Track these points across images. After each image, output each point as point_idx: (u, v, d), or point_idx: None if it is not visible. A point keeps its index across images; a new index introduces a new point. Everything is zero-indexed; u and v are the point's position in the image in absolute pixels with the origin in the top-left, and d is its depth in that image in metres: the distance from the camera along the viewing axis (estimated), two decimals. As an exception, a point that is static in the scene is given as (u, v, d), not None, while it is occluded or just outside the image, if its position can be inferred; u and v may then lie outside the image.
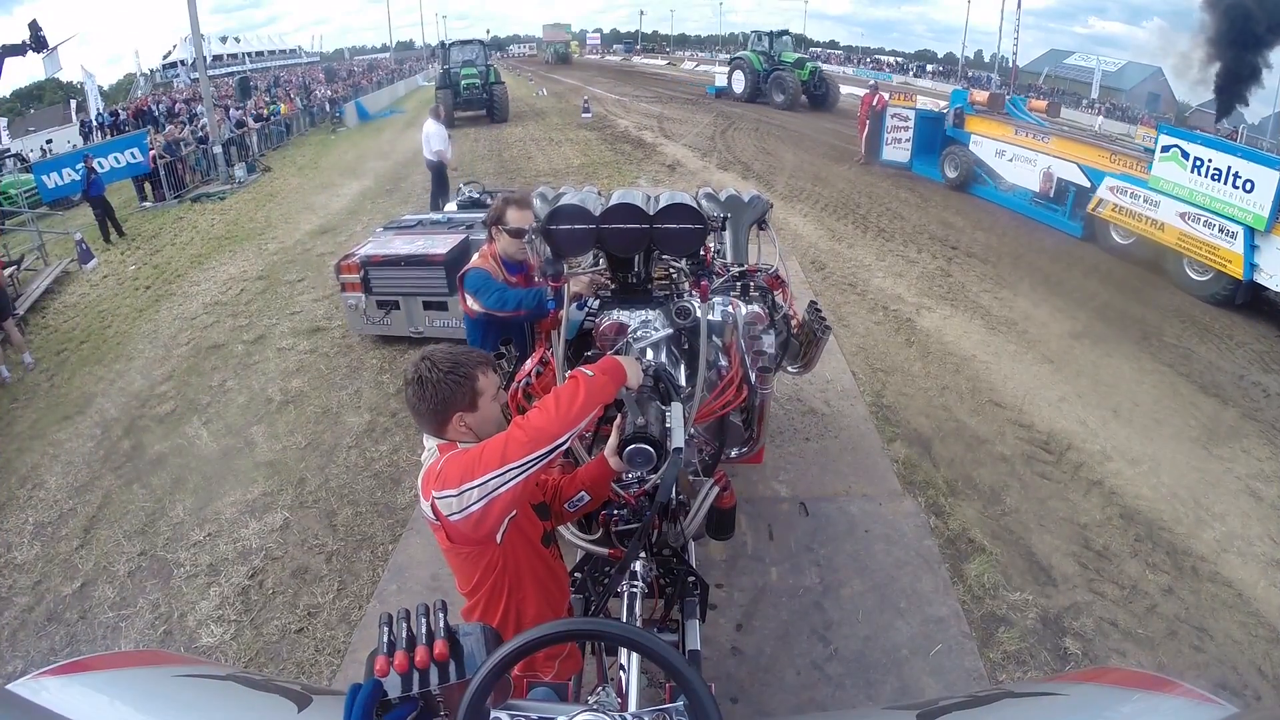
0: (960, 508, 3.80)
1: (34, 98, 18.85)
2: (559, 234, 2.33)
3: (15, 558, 3.75)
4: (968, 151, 10.89)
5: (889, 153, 12.53)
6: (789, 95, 20.58)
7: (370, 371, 5.50)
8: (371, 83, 29.25)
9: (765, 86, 21.44)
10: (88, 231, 9.86)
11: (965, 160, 10.94)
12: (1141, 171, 7.95)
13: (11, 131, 17.24)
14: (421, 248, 5.55)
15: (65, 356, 6.37)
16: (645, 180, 11.62)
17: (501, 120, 19.31)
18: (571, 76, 30.19)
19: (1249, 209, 6.60)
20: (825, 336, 3.16)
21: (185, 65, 22.99)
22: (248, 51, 26.02)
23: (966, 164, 10.93)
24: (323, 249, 8.90)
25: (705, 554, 3.25)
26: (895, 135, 12.38)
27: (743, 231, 3.35)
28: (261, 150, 17.18)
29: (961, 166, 11.05)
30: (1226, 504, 3.93)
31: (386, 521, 3.80)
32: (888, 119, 12.43)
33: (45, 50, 13.21)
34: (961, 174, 11.07)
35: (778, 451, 4.18)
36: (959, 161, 11.09)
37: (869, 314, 6.42)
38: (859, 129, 13.40)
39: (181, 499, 4.11)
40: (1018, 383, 5.20)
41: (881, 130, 12.53)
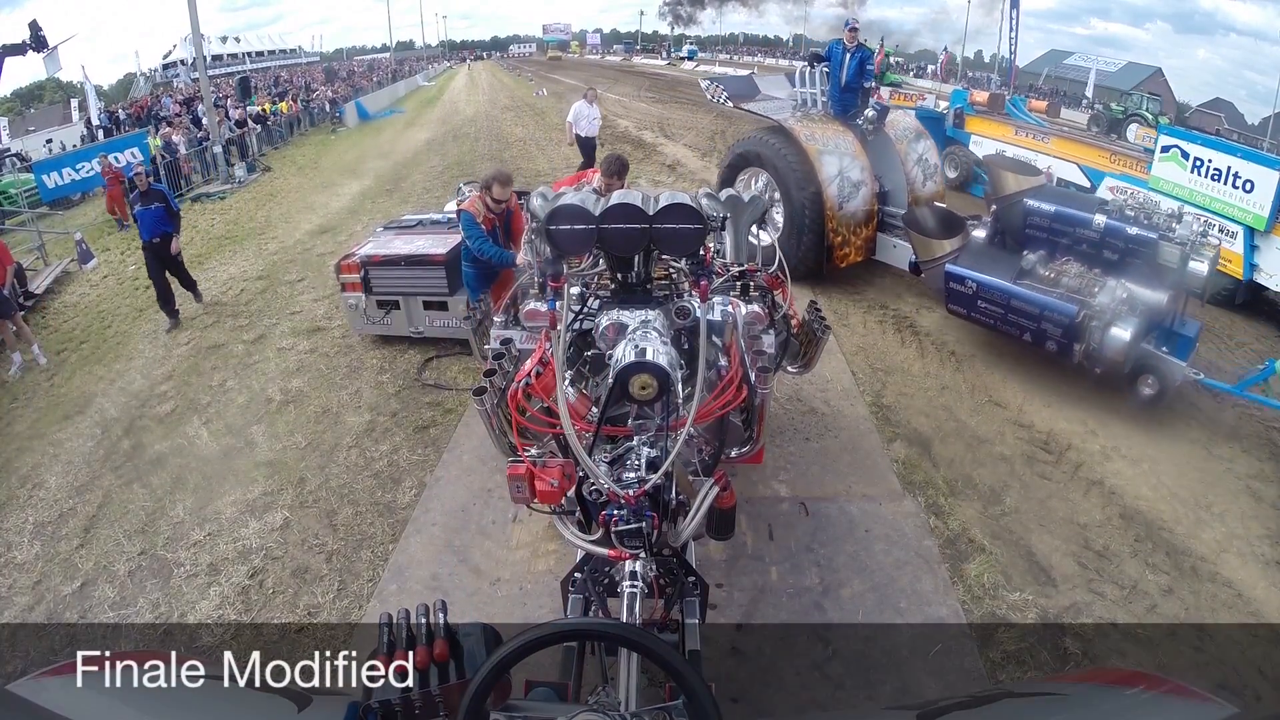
0: (960, 508, 3.80)
1: (34, 98, 18.83)
2: (559, 233, 2.33)
3: (15, 557, 3.75)
4: (968, 151, 10.88)
5: None
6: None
7: (370, 371, 5.50)
8: (371, 83, 29.23)
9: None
10: (88, 231, 9.86)
11: (965, 160, 10.94)
12: (1141, 172, 7.95)
13: (11, 131, 17.21)
14: (421, 248, 5.55)
15: (65, 356, 6.37)
16: (645, 180, 11.62)
17: None
18: (571, 76, 30.21)
19: (1249, 209, 6.61)
20: (825, 336, 3.17)
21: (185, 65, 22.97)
22: (248, 51, 25.98)
23: (966, 164, 10.93)
24: (323, 249, 8.89)
25: (705, 554, 3.25)
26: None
27: (743, 231, 3.35)
28: (261, 150, 17.18)
29: (961, 166, 11.05)
30: (1226, 504, 3.93)
31: (386, 521, 3.79)
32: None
33: (45, 50, 13.19)
34: (961, 174, 11.06)
35: (778, 451, 4.18)
36: (959, 161, 11.09)
37: (869, 314, 6.42)
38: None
39: (181, 499, 4.10)
40: (1018, 383, 5.20)
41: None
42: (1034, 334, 4.88)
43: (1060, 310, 4.71)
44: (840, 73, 6.75)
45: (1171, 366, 4.54)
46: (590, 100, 10.54)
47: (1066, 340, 4.71)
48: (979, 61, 21.40)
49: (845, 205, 6.30)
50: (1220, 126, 17.07)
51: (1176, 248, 4.47)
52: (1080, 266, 4.85)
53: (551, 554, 3.40)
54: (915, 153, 6.70)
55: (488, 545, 3.53)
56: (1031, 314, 4.86)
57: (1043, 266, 5.01)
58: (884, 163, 6.61)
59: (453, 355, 5.56)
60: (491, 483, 3.93)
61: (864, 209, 6.41)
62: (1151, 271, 4.58)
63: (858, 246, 6.54)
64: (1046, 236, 5.05)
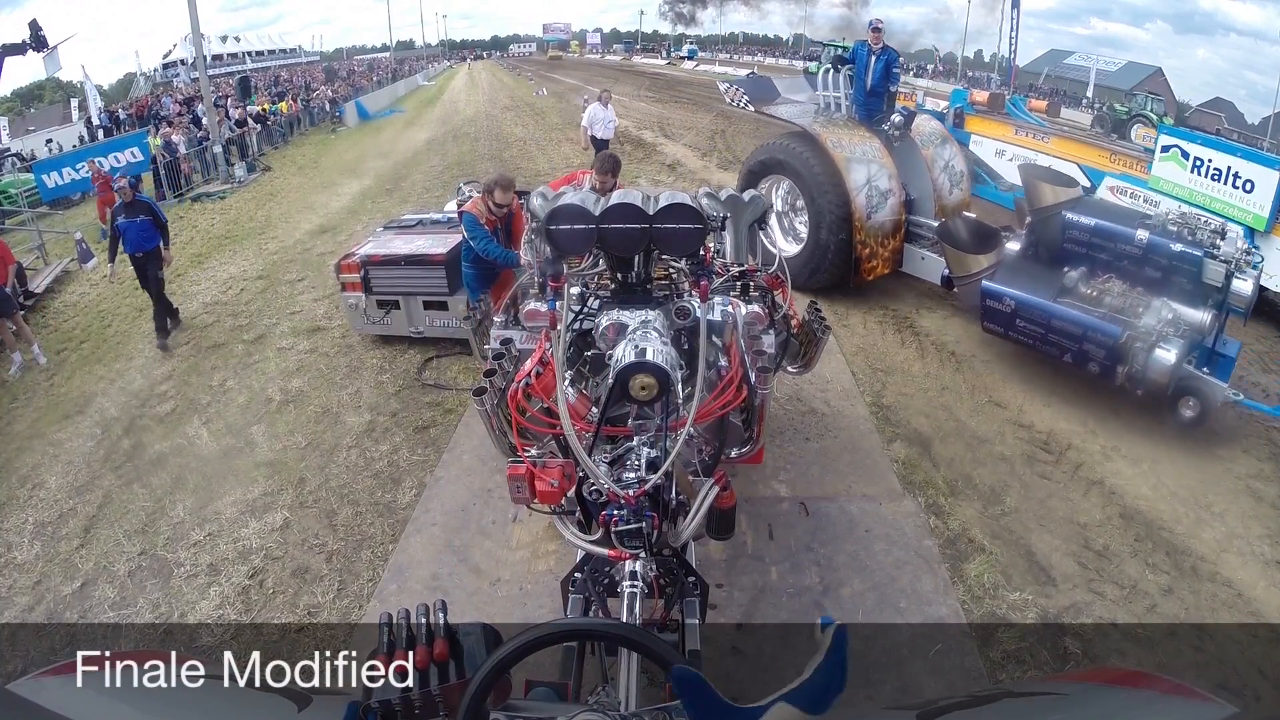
0: (960, 508, 3.80)
1: (34, 97, 18.83)
2: (559, 234, 2.33)
3: (15, 558, 3.76)
4: (968, 151, 10.86)
5: None
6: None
7: (370, 371, 5.50)
8: (371, 82, 29.23)
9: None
10: (88, 231, 9.86)
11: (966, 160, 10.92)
12: (1141, 171, 7.94)
13: (11, 131, 17.21)
14: (421, 247, 5.56)
15: (65, 356, 6.37)
16: (645, 180, 11.62)
17: None
18: (571, 76, 30.22)
19: (1249, 209, 6.60)
20: (825, 336, 3.17)
21: (185, 65, 22.97)
22: (248, 51, 25.98)
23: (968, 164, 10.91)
24: (323, 248, 8.90)
25: (705, 554, 3.25)
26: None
27: (743, 231, 3.36)
28: (261, 150, 17.18)
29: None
30: (1226, 504, 3.93)
31: (386, 521, 3.80)
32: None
33: (45, 50, 13.19)
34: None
35: (778, 451, 4.18)
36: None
37: (869, 314, 6.42)
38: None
39: (181, 499, 4.11)
40: (1018, 383, 5.20)
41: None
42: (1075, 355, 4.67)
43: (1104, 331, 4.52)
44: (865, 76, 6.50)
45: (1213, 388, 4.39)
46: (604, 102, 10.47)
47: (1110, 362, 4.52)
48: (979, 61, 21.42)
49: (873, 216, 6.05)
50: (1220, 126, 17.07)
51: (1221, 265, 4.33)
52: (1123, 285, 4.67)
53: (551, 554, 3.40)
54: (941, 159, 6.47)
55: (488, 545, 3.53)
56: (1074, 334, 4.65)
57: (1084, 284, 4.80)
58: (909, 170, 6.37)
59: (453, 355, 5.56)
60: (491, 483, 3.93)
61: (892, 219, 6.16)
62: (1194, 289, 4.45)
63: (885, 259, 6.29)
64: (1085, 251, 4.86)
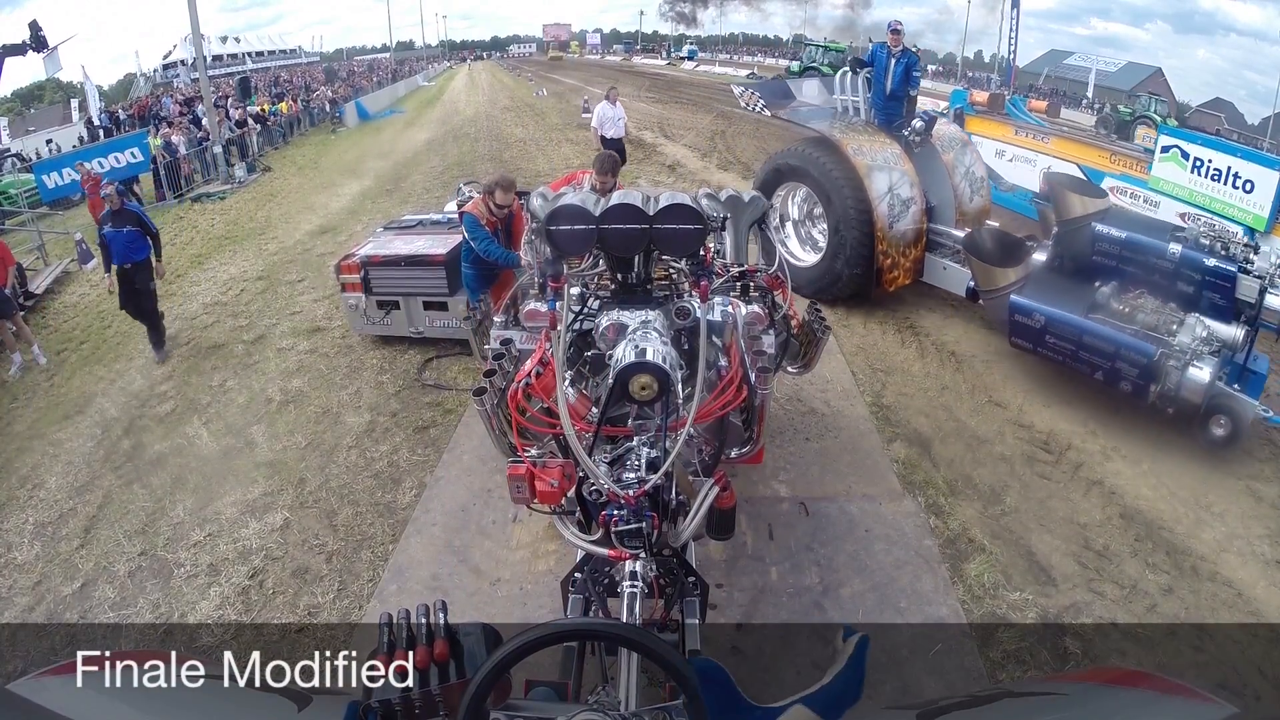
0: (960, 508, 3.80)
1: (34, 98, 18.84)
2: (559, 234, 2.33)
3: (15, 558, 3.76)
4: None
5: None
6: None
7: (370, 371, 5.50)
8: (371, 83, 29.23)
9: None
10: (88, 232, 9.86)
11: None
12: (1141, 172, 7.95)
13: (11, 131, 17.22)
14: (421, 248, 5.56)
15: (65, 356, 6.37)
16: (645, 180, 11.63)
17: None
18: (571, 76, 30.23)
19: (1249, 209, 6.61)
20: (825, 336, 3.17)
21: (185, 65, 22.98)
22: (248, 51, 25.98)
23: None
24: (323, 249, 8.89)
25: (705, 554, 3.25)
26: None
27: (743, 232, 3.36)
28: (261, 150, 17.18)
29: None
30: (1226, 504, 3.93)
31: (386, 521, 3.80)
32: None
33: (45, 50, 13.21)
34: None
35: (778, 451, 4.18)
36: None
37: (869, 314, 6.41)
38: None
39: (181, 499, 4.11)
40: (1018, 383, 5.20)
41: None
42: (1107, 373, 4.55)
43: (1138, 349, 4.40)
44: (885, 79, 6.36)
45: (1244, 405, 4.31)
46: (613, 100, 10.39)
47: (1143, 381, 4.40)
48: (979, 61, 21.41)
49: (895, 225, 5.89)
50: (1220, 126, 17.08)
51: (1255, 281, 4.26)
52: (1155, 301, 4.57)
53: (551, 554, 3.40)
54: (962, 165, 6.29)
55: (488, 545, 3.53)
56: (1106, 352, 4.52)
57: (1116, 300, 4.68)
58: (930, 176, 6.20)
59: (453, 355, 5.56)
60: (491, 483, 3.93)
61: (913, 228, 6.01)
62: (1227, 305, 4.38)
63: (906, 268, 6.14)
64: (1115, 265, 4.74)
